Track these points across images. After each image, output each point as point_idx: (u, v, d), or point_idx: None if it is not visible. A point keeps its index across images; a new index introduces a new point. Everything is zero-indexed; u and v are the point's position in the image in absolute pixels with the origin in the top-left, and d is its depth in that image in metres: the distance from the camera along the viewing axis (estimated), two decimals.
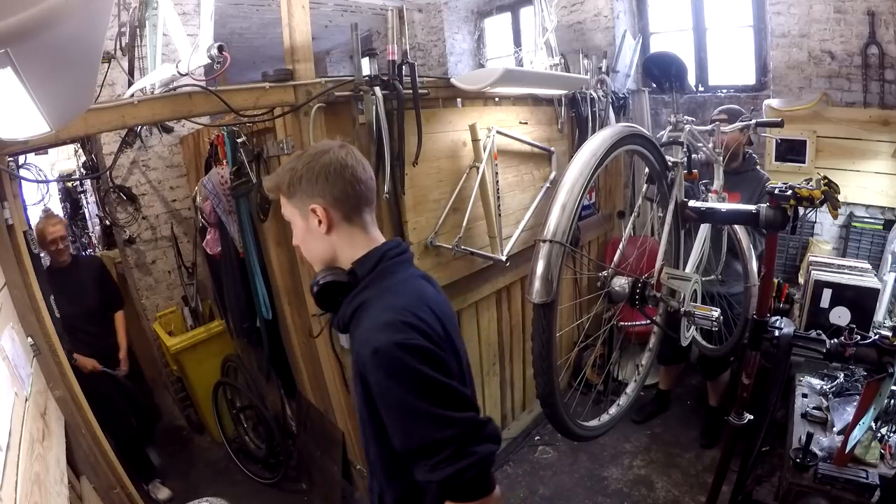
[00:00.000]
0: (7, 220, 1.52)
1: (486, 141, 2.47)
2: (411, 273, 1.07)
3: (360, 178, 1.03)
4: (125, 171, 3.42)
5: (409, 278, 1.05)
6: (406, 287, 1.03)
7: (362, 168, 1.04)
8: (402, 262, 1.06)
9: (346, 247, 1.05)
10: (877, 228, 3.02)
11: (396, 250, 1.06)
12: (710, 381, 2.98)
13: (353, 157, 1.03)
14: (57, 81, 0.88)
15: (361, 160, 1.04)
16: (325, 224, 1.02)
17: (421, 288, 1.05)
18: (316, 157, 1.01)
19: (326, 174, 1.00)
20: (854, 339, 1.50)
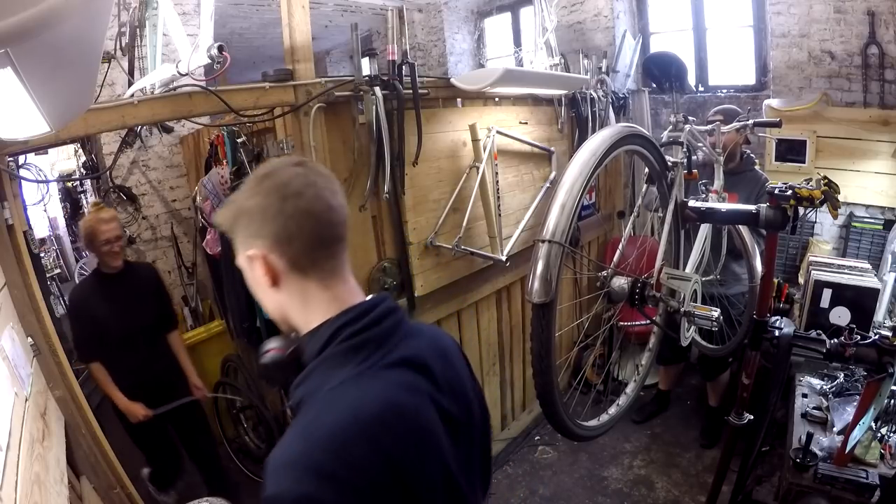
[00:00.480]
0: (7, 220, 1.52)
1: (486, 141, 2.47)
2: (373, 368, 0.70)
3: (315, 209, 0.71)
4: (125, 171, 3.42)
5: (362, 380, 0.68)
6: (348, 397, 0.67)
7: (322, 194, 0.72)
8: (362, 346, 0.71)
9: (298, 309, 0.76)
10: (877, 228, 3.02)
11: (357, 326, 0.71)
12: (710, 381, 2.98)
13: (308, 179, 0.72)
14: (57, 81, 0.88)
15: (322, 183, 0.74)
16: (268, 276, 0.73)
17: (375, 400, 0.67)
18: (258, 183, 0.73)
19: (265, 207, 0.71)
20: (854, 339, 1.50)
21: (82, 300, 2.30)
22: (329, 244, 0.74)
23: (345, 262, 0.78)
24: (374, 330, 0.73)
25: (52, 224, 8.35)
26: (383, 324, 0.74)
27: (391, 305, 0.77)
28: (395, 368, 0.71)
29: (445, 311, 2.54)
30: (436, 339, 0.83)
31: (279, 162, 0.77)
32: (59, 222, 8.51)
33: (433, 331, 0.88)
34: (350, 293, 0.77)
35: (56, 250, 8.18)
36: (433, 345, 0.80)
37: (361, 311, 0.74)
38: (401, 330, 0.76)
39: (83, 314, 2.26)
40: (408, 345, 0.75)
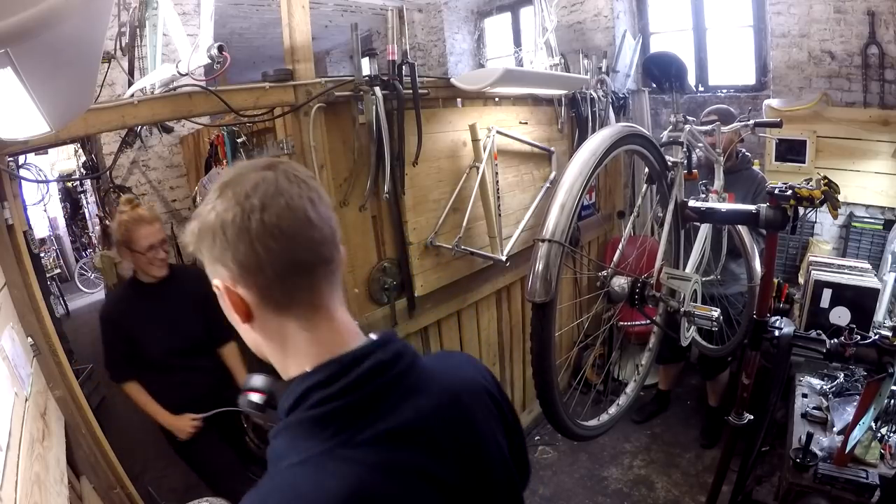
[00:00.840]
0: (7, 220, 1.52)
1: (486, 141, 2.47)
2: (345, 446, 0.55)
3: (286, 225, 0.56)
4: (125, 171, 3.43)
5: (327, 461, 0.54)
6: (306, 484, 0.53)
7: (296, 204, 0.57)
8: (333, 418, 0.56)
9: (275, 352, 0.62)
10: (877, 228, 3.02)
11: (328, 391, 0.56)
12: (709, 380, 2.98)
13: (277, 185, 0.57)
14: (57, 81, 0.88)
15: (296, 191, 0.57)
16: (237, 313, 0.60)
17: (339, 492, 0.52)
18: (219, 192, 0.58)
19: (224, 224, 0.56)
20: (854, 339, 1.50)
21: (116, 317, 1.97)
22: (308, 270, 0.58)
23: (332, 293, 0.61)
24: (349, 397, 0.56)
25: (52, 224, 8.37)
26: (365, 387, 0.57)
27: (385, 357, 0.60)
28: (373, 446, 0.55)
29: (445, 311, 2.54)
30: (451, 386, 0.66)
31: (245, 165, 0.60)
32: (59, 222, 8.54)
33: (452, 373, 0.70)
34: (336, 335, 0.61)
35: (56, 250, 8.20)
36: (445, 395, 0.64)
37: (340, 367, 0.57)
38: (398, 388, 0.60)
39: (118, 333, 1.94)
40: (401, 409, 0.59)
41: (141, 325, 1.93)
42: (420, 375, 0.64)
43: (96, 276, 7.18)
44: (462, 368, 0.73)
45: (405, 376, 0.61)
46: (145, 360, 1.95)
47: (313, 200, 0.58)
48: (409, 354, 0.63)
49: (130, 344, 1.93)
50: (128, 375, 1.97)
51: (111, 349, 1.96)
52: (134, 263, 1.93)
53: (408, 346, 0.65)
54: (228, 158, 2.39)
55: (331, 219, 0.61)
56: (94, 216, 6.80)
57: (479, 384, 0.71)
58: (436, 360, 0.72)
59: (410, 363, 0.63)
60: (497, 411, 0.72)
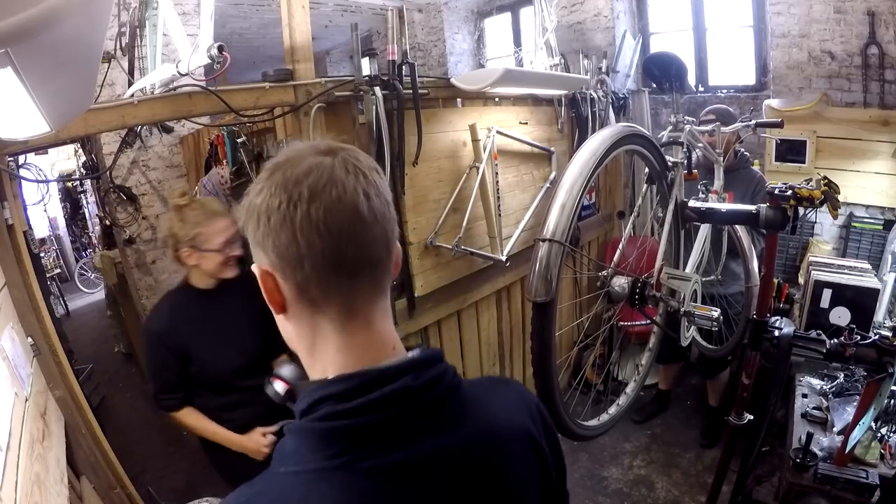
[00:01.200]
0: (7, 220, 1.52)
1: (486, 141, 2.47)
2: (345, 469, 0.50)
3: (335, 221, 0.51)
4: (125, 171, 3.42)
5: (321, 482, 0.50)
6: (293, 498, 0.50)
7: (349, 198, 0.52)
8: (339, 436, 0.51)
9: (305, 350, 0.59)
10: (877, 228, 3.02)
11: (341, 407, 0.51)
12: (709, 380, 2.98)
13: (332, 174, 0.52)
14: (57, 81, 0.88)
15: (352, 182, 0.53)
16: (272, 302, 0.57)
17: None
18: (269, 174, 0.55)
19: (270, 210, 0.52)
20: (854, 339, 1.50)
21: (168, 330, 1.63)
22: (351, 272, 0.53)
23: (374, 299, 0.56)
24: (362, 418, 0.51)
25: (52, 224, 8.37)
26: (382, 412, 0.51)
27: (413, 384, 0.53)
28: (376, 477, 0.51)
29: (445, 311, 2.54)
30: (489, 427, 0.59)
31: (303, 146, 0.56)
32: (59, 222, 8.53)
33: (495, 411, 0.62)
34: (370, 347, 0.56)
35: (56, 250, 8.20)
36: (478, 435, 0.57)
37: (359, 384, 0.52)
38: (422, 418, 0.54)
39: (170, 350, 1.63)
40: (420, 442, 0.53)
41: (196, 339, 1.63)
42: (455, 408, 0.57)
43: (96, 276, 7.18)
44: (509, 407, 0.64)
45: (435, 407, 0.55)
46: (196, 381, 1.68)
47: (369, 195, 0.53)
48: (445, 383, 0.56)
49: (183, 363, 1.64)
50: (182, 402, 1.68)
51: (163, 370, 1.65)
52: (203, 266, 1.63)
53: (448, 371, 0.57)
54: (228, 158, 2.39)
55: (387, 218, 0.56)
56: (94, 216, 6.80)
57: (524, 429, 0.63)
58: (483, 390, 0.64)
59: (445, 393, 0.56)
60: (537, 460, 0.64)
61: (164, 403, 1.68)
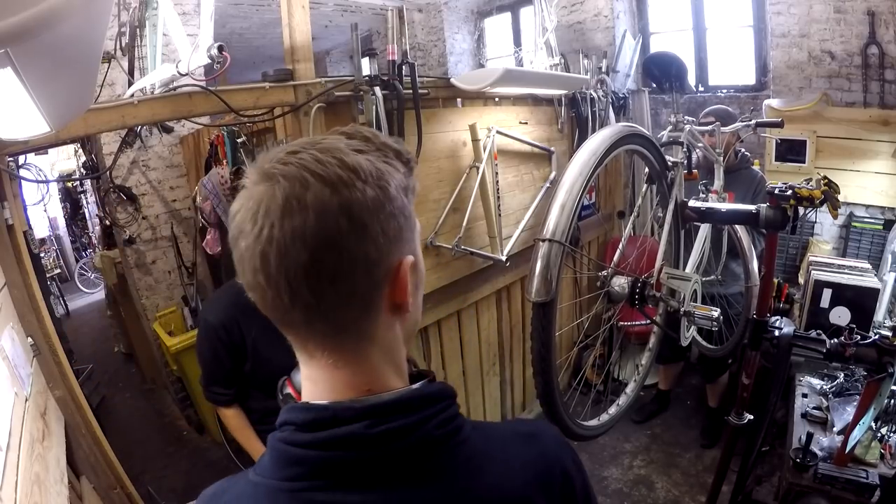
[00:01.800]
0: (7, 220, 1.52)
1: (486, 141, 2.47)
2: (293, 493, 0.50)
3: (246, 272, 0.49)
4: (125, 171, 3.42)
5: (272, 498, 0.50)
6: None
7: (252, 262, 0.47)
8: (294, 462, 0.50)
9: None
10: (877, 228, 3.02)
11: (299, 437, 0.50)
12: (709, 383, 2.98)
13: (244, 227, 0.47)
14: (57, 81, 0.89)
15: (264, 234, 0.46)
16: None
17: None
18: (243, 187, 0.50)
19: (232, 225, 0.50)
20: (854, 339, 1.50)
21: (228, 323, 1.56)
22: (288, 321, 0.50)
23: (338, 342, 0.51)
24: (318, 453, 0.49)
25: (52, 224, 8.37)
26: (333, 451, 0.48)
27: (367, 432, 0.48)
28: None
29: (445, 312, 2.54)
30: (468, 490, 0.52)
31: (259, 164, 0.49)
32: (59, 222, 8.54)
33: (492, 476, 0.53)
34: (336, 384, 0.52)
35: (56, 250, 8.20)
36: (451, 500, 0.51)
37: (316, 419, 0.49)
38: (387, 465, 0.49)
39: (227, 343, 1.56)
40: (377, 492, 0.49)
41: (256, 334, 1.56)
42: (434, 462, 0.51)
43: (96, 276, 7.18)
44: (513, 470, 0.55)
45: (401, 457, 0.49)
46: (249, 378, 1.62)
47: (268, 256, 0.48)
48: (421, 433, 0.50)
49: (237, 359, 1.59)
50: (231, 398, 1.63)
51: (213, 363, 1.60)
52: None
53: (434, 420, 0.51)
54: (228, 158, 2.39)
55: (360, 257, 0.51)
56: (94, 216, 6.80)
57: (520, 498, 0.54)
58: (493, 444, 0.56)
59: (419, 445, 0.50)
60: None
61: (213, 396, 1.63)
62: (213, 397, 1.63)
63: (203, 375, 1.64)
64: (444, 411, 0.52)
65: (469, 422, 0.55)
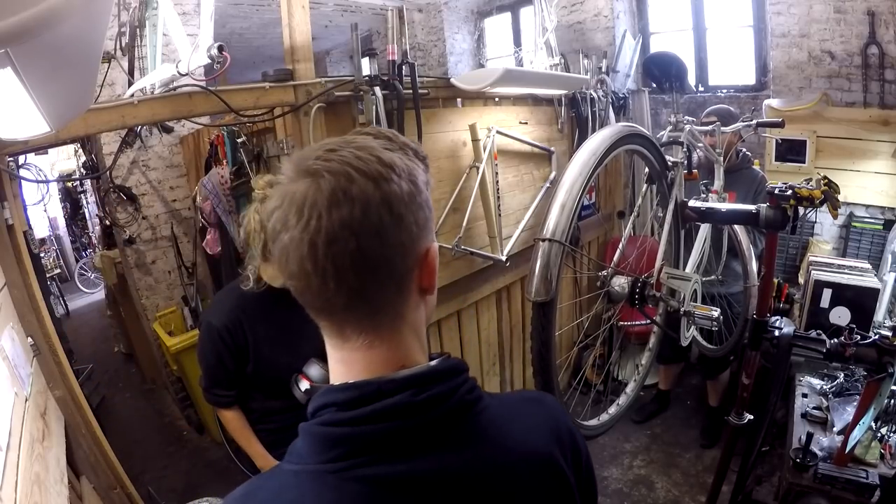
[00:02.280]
0: (7, 220, 1.52)
1: (486, 141, 2.47)
2: (337, 474, 0.51)
3: (290, 266, 0.52)
4: (125, 171, 3.42)
5: (314, 483, 0.52)
6: (286, 496, 0.53)
7: (299, 252, 0.50)
8: (336, 443, 0.52)
9: (327, 349, 0.59)
10: (877, 228, 3.02)
11: (340, 416, 0.52)
12: (710, 380, 2.98)
13: (289, 221, 0.50)
14: (57, 81, 0.89)
15: (309, 230, 0.49)
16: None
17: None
18: (277, 187, 0.54)
19: (272, 220, 0.53)
20: (854, 339, 1.50)
21: (228, 327, 1.54)
22: (324, 311, 0.54)
23: (374, 323, 0.55)
24: (361, 427, 0.51)
25: (52, 224, 8.37)
26: (381, 423, 0.51)
27: (416, 399, 0.52)
28: (369, 486, 0.51)
29: (445, 312, 2.54)
30: (506, 451, 0.57)
31: (294, 162, 0.53)
32: (59, 222, 8.54)
33: (518, 434, 0.59)
34: (370, 363, 0.55)
35: (56, 250, 8.20)
36: (490, 458, 0.56)
37: (361, 395, 0.52)
38: (424, 434, 0.53)
39: (230, 346, 1.54)
40: (419, 458, 0.52)
41: (258, 337, 1.55)
42: (466, 427, 0.55)
43: (96, 276, 7.18)
44: (532, 430, 0.61)
45: (440, 424, 0.54)
46: (251, 380, 1.60)
47: (317, 245, 0.52)
48: (455, 400, 0.55)
49: (240, 361, 1.57)
50: (232, 399, 1.61)
51: (217, 367, 1.56)
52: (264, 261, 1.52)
53: (462, 388, 0.56)
54: (228, 158, 2.39)
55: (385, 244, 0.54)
56: (94, 216, 6.80)
57: (545, 455, 0.60)
58: (509, 409, 0.62)
59: (453, 411, 0.54)
60: (559, 489, 0.61)
61: (214, 398, 1.60)
62: (215, 399, 1.61)
63: (204, 377, 1.61)
64: (468, 381, 0.58)
65: (485, 391, 0.60)
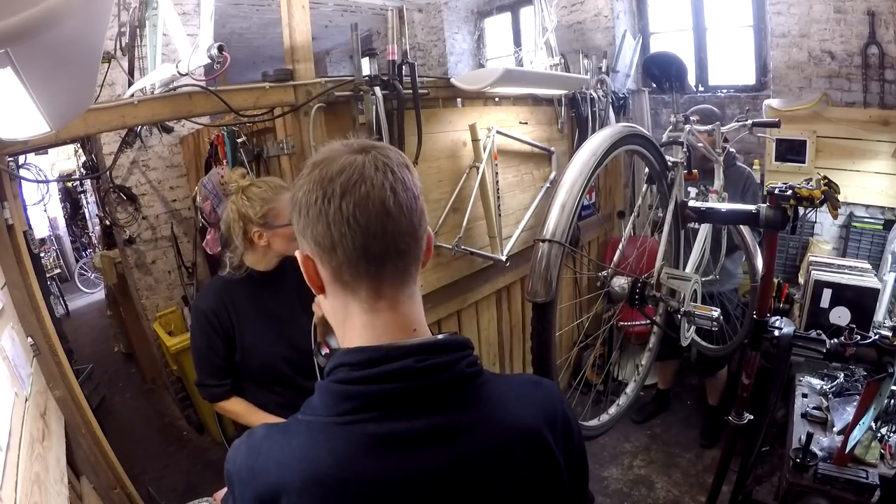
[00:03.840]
0: (7, 220, 1.52)
1: (486, 141, 2.47)
2: (348, 425, 0.58)
3: (362, 215, 0.58)
4: (125, 171, 3.42)
5: (321, 432, 0.58)
6: (297, 440, 0.59)
7: (377, 194, 0.58)
8: (347, 397, 0.58)
9: (339, 324, 0.66)
10: (877, 228, 3.02)
11: (354, 374, 0.59)
12: (708, 377, 2.98)
13: (364, 172, 0.58)
14: (57, 81, 0.89)
15: (380, 179, 0.59)
16: (312, 283, 0.65)
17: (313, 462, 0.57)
18: (309, 170, 0.62)
19: (308, 204, 0.60)
20: (854, 339, 1.50)
21: (215, 310, 1.54)
22: (378, 260, 0.59)
23: (401, 284, 0.63)
24: (370, 386, 0.58)
25: (52, 224, 8.37)
26: (386, 384, 0.57)
27: (418, 365, 0.58)
28: (374, 438, 0.57)
29: (445, 312, 2.54)
30: (501, 422, 0.62)
31: (339, 146, 0.63)
32: (59, 222, 8.54)
33: (513, 408, 0.64)
34: (391, 326, 0.62)
35: (56, 250, 8.21)
36: (484, 427, 0.61)
37: (371, 357, 0.59)
38: (424, 398, 0.58)
39: (218, 331, 1.54)
40: (416, 419, 0.58)
41: (241, 322, 1.54)
42: (467, 395, 0.61)
43: (96, 276, 7.18)
44: (526, 408, 0.65)
45: (443, 390, 0.60)
46: (242, 371, 1.58)
47: (396, 190, 0.59)
48: (456, 371, 0.60)
49: (229, 345, 1.56)
50: (227, 389, 1.58)
51: (209, 352, 1.55)
52: (274, 245, 1.53)
53: (463, 361, 0.61)
54: (228, 158, 2.38)
55: (414, 210, 0.61)
56: (94, 216, 6.80)
57: (533, 432, 0.63)
58: (508, 387, 0.67)
59: (456, 379, 0.60)
60: (545, 467, 0.64)
61: (208, 392, 1.57)
62: (209, 393, 1.58)
63: (198, 371, 1.60)
64: (469, 356, 0.63)
65: (488, 370, 0.66)
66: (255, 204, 1.49)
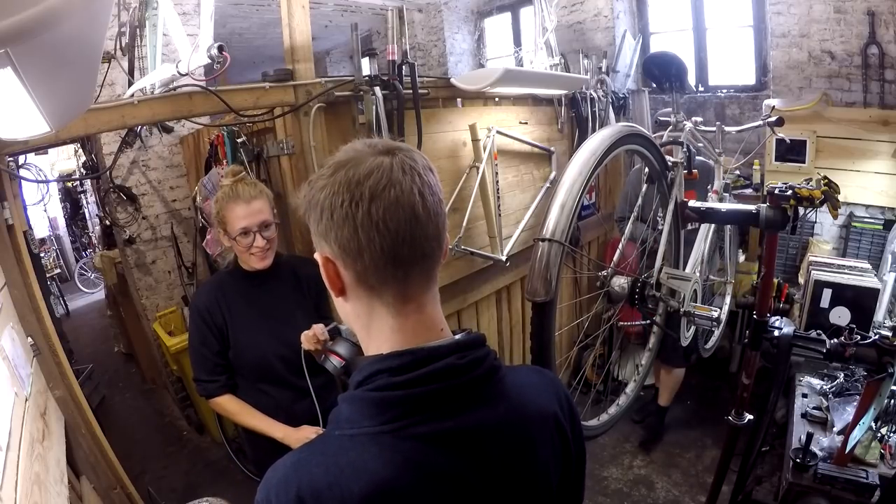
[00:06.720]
0: (7, 220, 1.52)
1: (486, 141, 2.47)
2: (395, 434, 0.56)
3: (392, 220, 0.56)
4: (125, 171, 3.42)
5: (372, 445, 0.56)
6: (347, 457, 0.56)
7: (406, 199, 0.57)
8: (392, 404, 0.57)
9: (362, 329, 0.65)
10: (877, 228, 3.02)
11: (396, 379, 0.57)
12: (664, 368, 2.91)
13: (392, 175, 0.57)
14: (57, 81, 0.88)
15: (409, 183, 0.58)
16: (333, 286, 0.63)
17: (370, 476, 0.54)
18: (332, 171, 0.60)
19: (333, 206, 0.58)
20: (854, 339, 1.50)
21: (211, 306, 1.58)
22: (405, 263, 0.59)
23: (425, 286, 0.63)
24: (413, 390, 0.57)
25: (52, 224, 8.37)
26: (431, 385, 0.57)
27: (459, 362, 0.59)
28: (423, 443, 0.57)
29: (445, 311, 2.45)
30: (522, 407, 0.64)
31: (364, 147, 0.61)
32: (59, 222, 8.54)
33: (529, 394, 0.67)
34: (421, 328, 0.62)
35: (56, 250, 8.21)
36: (513, 414, 0.63)
37: (412, 360, 0.58)
38: (466, 394, 0.60)
39: (211, 328, 1.57)
40: (463, 415, 0.59)
41: (234, 319, 1.57)
42: (496, 387, 0.63)
43: (96, 276, 7.18)
44: (541, 392, 0.69)
45: (479, 384, 0.61)
46: (236, 369, 1.61)
47: (424, 194, 0.59)
48: (487, 364, 0.62)
49: (223, 341, 1.58)
50: (222, 385, 1.59)
51: (203, 348, 1.57)
52: (234, 249, 1.57)
53: (490, 355, 0.64)
54: (228, 158, 2.38)
55: (439, 214, 0.62)
56: (95, 216, 6.80)
57: (552, 413, 0.68)
58: (520, 376, 0.70)
59: (487, 373, 0.62)
60: (561, 444, 0.69)
61: (203, 389, 1.59)
62: (204, 389, 1.60)
63: (194, 367, 1.61)
64: (490, 350, 0.65)
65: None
66: (216, 204, 1.55)
